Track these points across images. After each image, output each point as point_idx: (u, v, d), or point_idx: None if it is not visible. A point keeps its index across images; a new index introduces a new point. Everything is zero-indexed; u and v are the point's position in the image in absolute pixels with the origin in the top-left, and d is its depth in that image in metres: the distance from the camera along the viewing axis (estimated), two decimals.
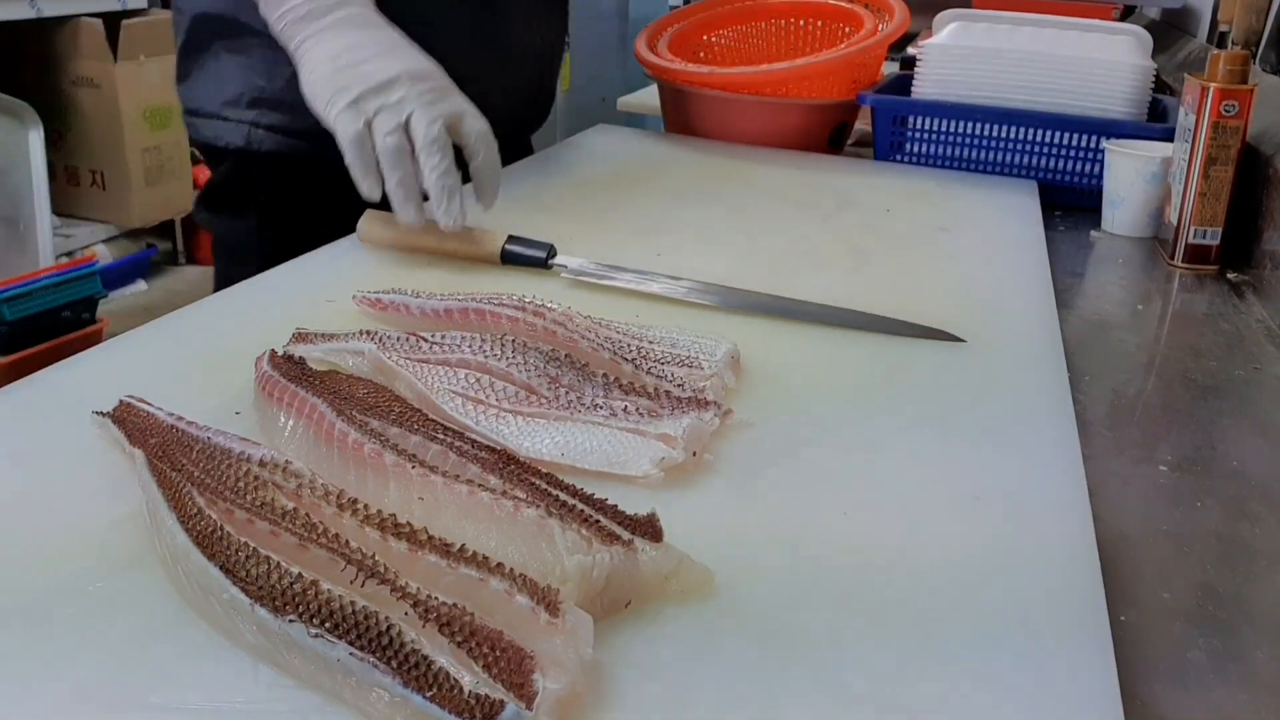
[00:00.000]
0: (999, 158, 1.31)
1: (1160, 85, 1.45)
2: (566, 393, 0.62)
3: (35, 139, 2.79)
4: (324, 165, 0.97)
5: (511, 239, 0.88)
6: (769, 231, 1.04)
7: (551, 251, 0.88)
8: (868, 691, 0.42)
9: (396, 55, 0.88)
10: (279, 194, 1.13)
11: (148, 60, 3.06)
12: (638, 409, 0.60)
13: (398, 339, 0.67)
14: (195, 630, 0.43)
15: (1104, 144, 1.19)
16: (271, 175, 1.12)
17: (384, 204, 0.94)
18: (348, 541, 0.45)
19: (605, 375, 0.64)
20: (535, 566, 0.46)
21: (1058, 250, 1.07)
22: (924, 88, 1.38)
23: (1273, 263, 0.98)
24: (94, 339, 2.50)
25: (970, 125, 1.31)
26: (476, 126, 0.89)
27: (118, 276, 3.06)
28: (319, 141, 0.94)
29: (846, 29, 1.54)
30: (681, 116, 1.45)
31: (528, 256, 0.88)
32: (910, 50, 1.59)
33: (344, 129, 0.85)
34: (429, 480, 0.50)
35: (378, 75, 0.86)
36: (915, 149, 1.34)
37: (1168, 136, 1.15)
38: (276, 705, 0.40)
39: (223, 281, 1.03)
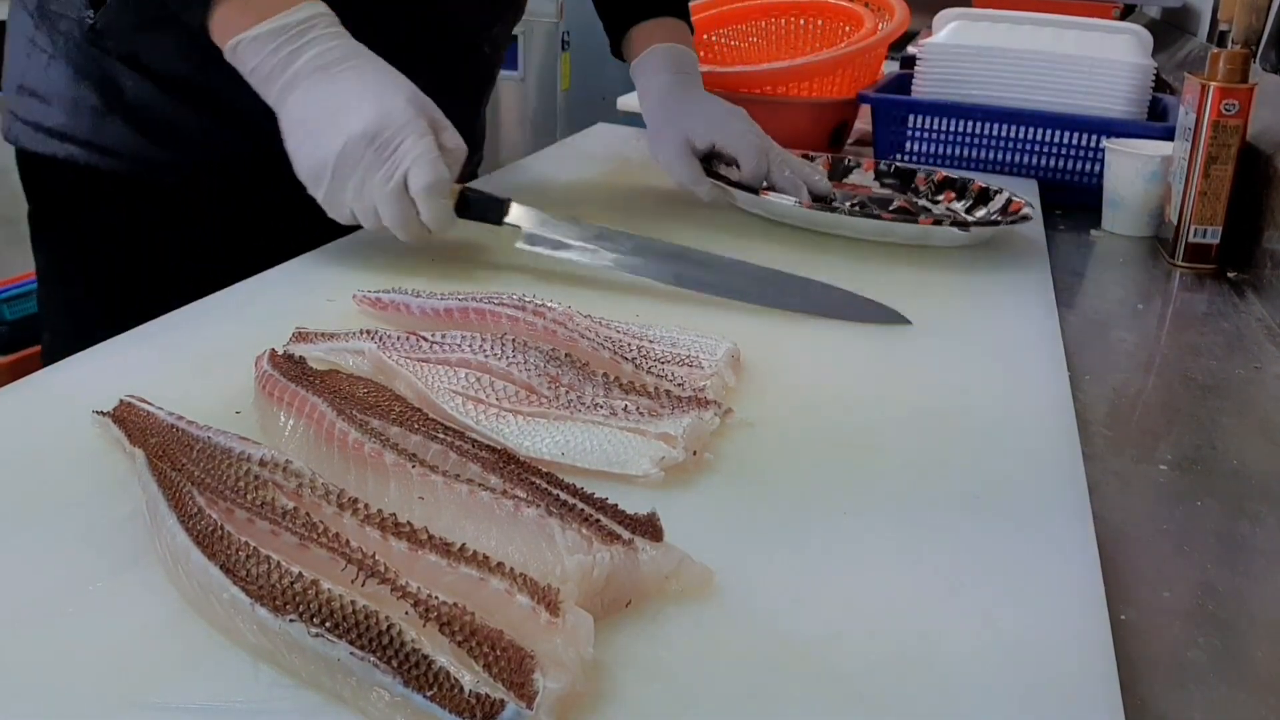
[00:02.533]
0: (999, 157, 1.31)
1: (1160, 84, 1.45)
2: (567, 392, 0.62)
3: None
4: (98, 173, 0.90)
5: (468, 190, 0.87)
6: (769, 230, 1.04)
7: (506, 207, 0.86)
8: (867, 691, 0.42)
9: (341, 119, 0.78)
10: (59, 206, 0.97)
11: None
12: (638, 408, 0.60)
13: (398, 338, 0.67)
14: (195, 630, 0.43)
15: (1104, 143, 1.19)
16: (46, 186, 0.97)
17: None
18: (348, 541, 0.45)
19: (605, 374, 0.64)
20: (535, 566, 0.46)
21: (1058, 249, 1.07)
22: (924, 87, 1.39)
23: (1273, 262, 0.98)
24: None
25: (970, 124, 1.31)
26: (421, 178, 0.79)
27: None
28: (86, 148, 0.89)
29: (847, 28, 1.54)
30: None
31: (484, 205, 0.86)
32: (910, 49, 1.59)
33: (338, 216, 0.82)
34: (429, 479, 0.50)
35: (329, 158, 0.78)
36: (915, 148, 1.34)
37: (1168, 135, 1.15)
38: (277, 705, 0.40)
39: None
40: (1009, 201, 1.09)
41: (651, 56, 1.13)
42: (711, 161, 1.09)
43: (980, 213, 1.10)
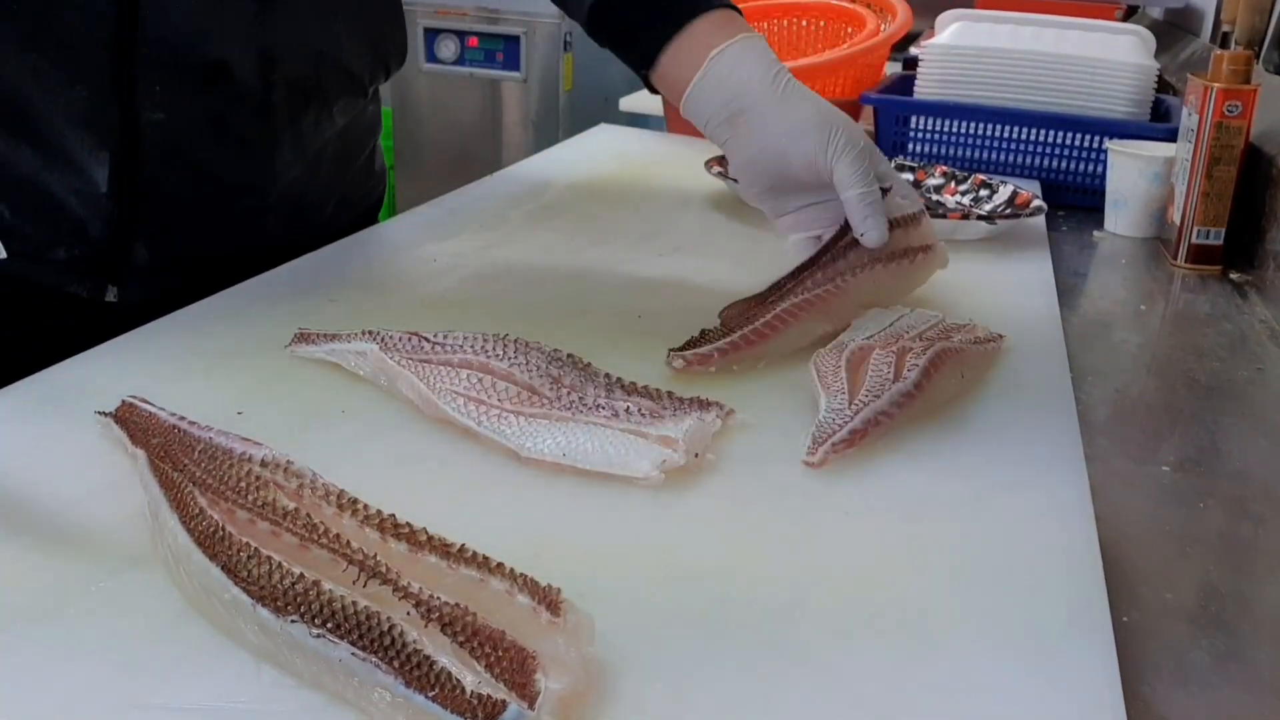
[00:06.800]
0: (1002, 158, 1.31)
1: (1163, 85, 1.45)
2: (569, 393, 0.62)
3: None
4: None
5: None
6: (771, 232, 1.04)
7: None
8: (869, 692, 0.42)
9: None
10: None
11: None
12: (640, 410, 0.60)
13: (400, 339, 0.66)
14: (197, 630, 0.43)
15: (1107, 144, 1.19)
16: None
17: None
18: (349, 542, 0.45)
19: (607, 375, 0.64)
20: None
21: (1060, 250, 1.07)
22: (926, 88, 1.38)
23: (1276, 263, 0.97)
24: None
25: (973, 125, 1.31)
26: None
27: None
28: None
29: (849, 29, 1.54)
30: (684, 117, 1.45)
31: None
32: (913, 50, 1.59)
33: None
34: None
35: None
36: (918, 149, 1.34)
37: (1170, 137, 1.14)
38: (279, 705, 0.40)
39: None
40: (1015, 194, 1.10)
41: (733, 53, 0.80)
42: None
43: (988, 207, 1.11)
